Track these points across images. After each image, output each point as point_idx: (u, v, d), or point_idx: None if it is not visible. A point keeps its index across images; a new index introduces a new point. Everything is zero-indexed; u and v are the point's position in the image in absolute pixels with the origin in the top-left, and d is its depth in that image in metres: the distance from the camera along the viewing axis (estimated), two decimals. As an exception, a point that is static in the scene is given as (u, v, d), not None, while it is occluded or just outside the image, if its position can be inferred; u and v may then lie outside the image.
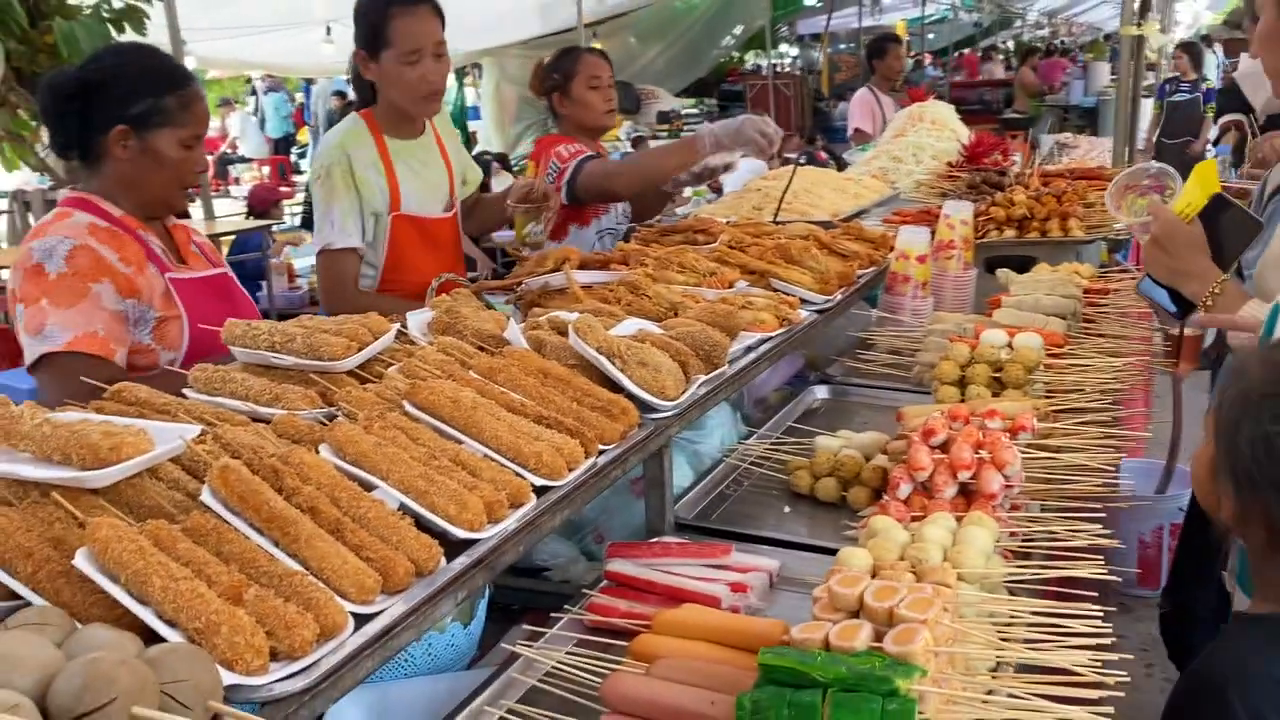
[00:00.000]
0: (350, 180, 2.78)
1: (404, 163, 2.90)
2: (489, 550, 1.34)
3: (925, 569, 1.35)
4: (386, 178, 2.84)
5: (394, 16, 2.74)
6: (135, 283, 2.14)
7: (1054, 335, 2.27)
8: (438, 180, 3.02)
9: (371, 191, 2.81)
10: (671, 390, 1.81)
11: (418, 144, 2.96)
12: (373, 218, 2.84)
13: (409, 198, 2.89)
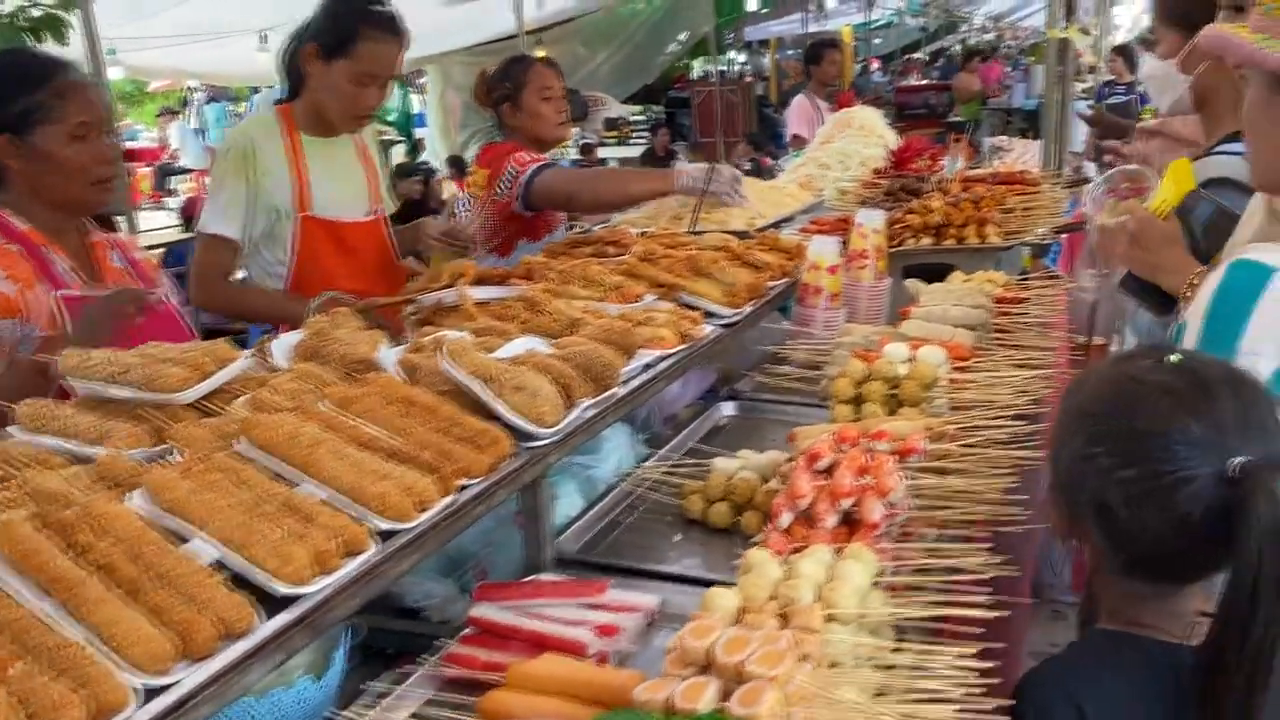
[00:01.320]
0: (246, 168, 2.68)
1: (318, 161, 2.80)
2: (314, 607, 1.22)
3: (793, 611, 1.25)
4: (294, 174, 2.74)
5: (365, 36, 2.67)
6: (15, 301, 2.08)
7: (960, 348, 2.19)
8: (356, 182, 2.92)
9: (270, 184, 2.71)
10: (550, 416, 1.70)
11: (336, 143, 2.86)
12: (271, 213, 2.73)
13: (321, 198, 2.79)
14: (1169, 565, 1.17)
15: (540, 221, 3.41)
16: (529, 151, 3.29)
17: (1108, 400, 1.20)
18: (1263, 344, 1.26)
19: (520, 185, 3.22)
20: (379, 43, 2.69)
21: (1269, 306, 1.27)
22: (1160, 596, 1.19)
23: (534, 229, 3.39)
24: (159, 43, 9.97)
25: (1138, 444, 1.13)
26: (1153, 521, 1.12)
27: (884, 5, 19.39)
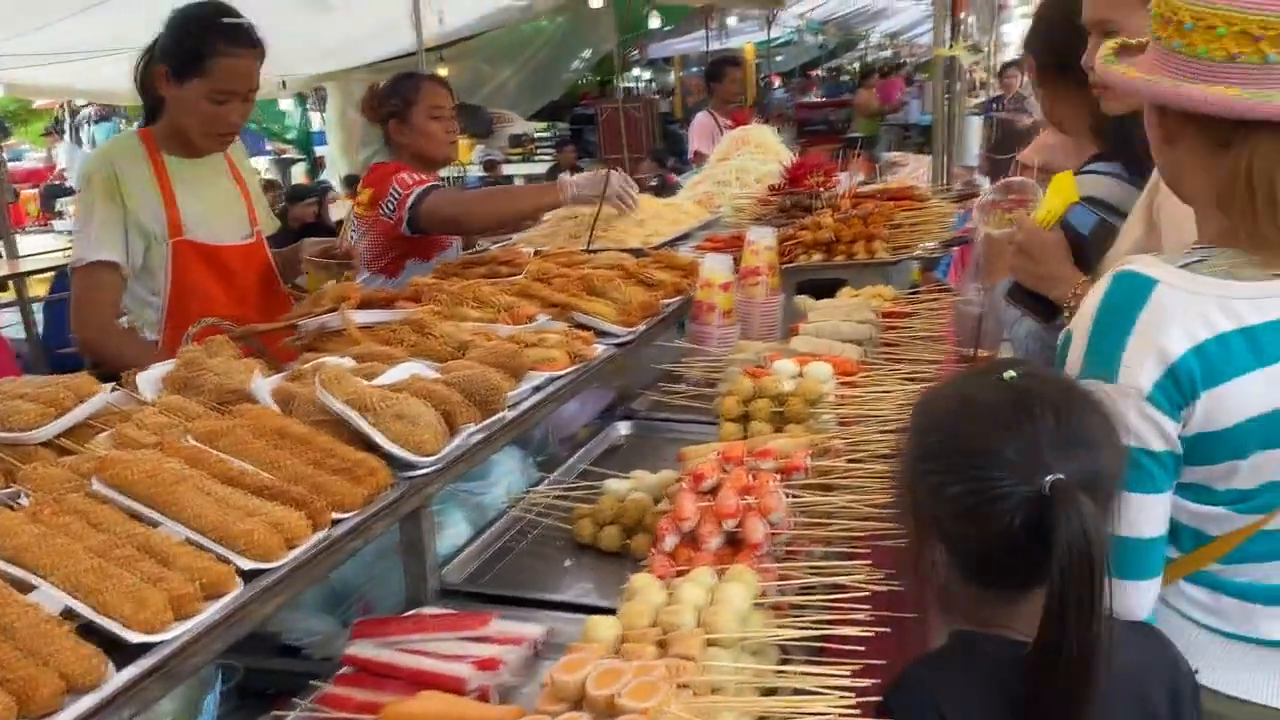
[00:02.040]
0: (114, 191, 2.57)
1: (185, 183, 2.69)
2: (171, 654, 1.16)
3: (673, 638, 1.23)
4: (162, 197, 2.63)
5: (218, 52, 2.56)
6: None
7: (846, 363, 2.21)
8: (229, 203, 2.81)
9: (140, 207, 2.59)
10: (430, 445, 1.66)
11: (203, 164, 2.75)
12: (143, 239, 2.61)
13: (193, 221, 2.68)
14: (1004, 574, 1.19)
15: (431, 241, 3.35)
16: (413, 172, 3.22)
17: (939, 417, 1.23)
18: (1144, 353, 1.29)
19: (406, 208, 3.16)
20: (234, 57, 2.58)
21: (1150, 317, 1.29)
22: (1003, 600, 1.22)
23: (424, 249, 3.33)
24: (44, 60, 9.61)
25: (961, 461, 1.16)
26: (979, 535, 1.15)
27: (784, 24, 19.74)
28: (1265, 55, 1.22)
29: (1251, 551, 1.36)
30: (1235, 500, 1.34)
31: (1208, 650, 1.40)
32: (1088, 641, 1.09)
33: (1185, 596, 1.41)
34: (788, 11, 19.00)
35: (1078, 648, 1.09)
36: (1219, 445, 1.30)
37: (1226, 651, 1.40)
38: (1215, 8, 1.24)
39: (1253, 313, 1.28)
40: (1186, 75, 1.28)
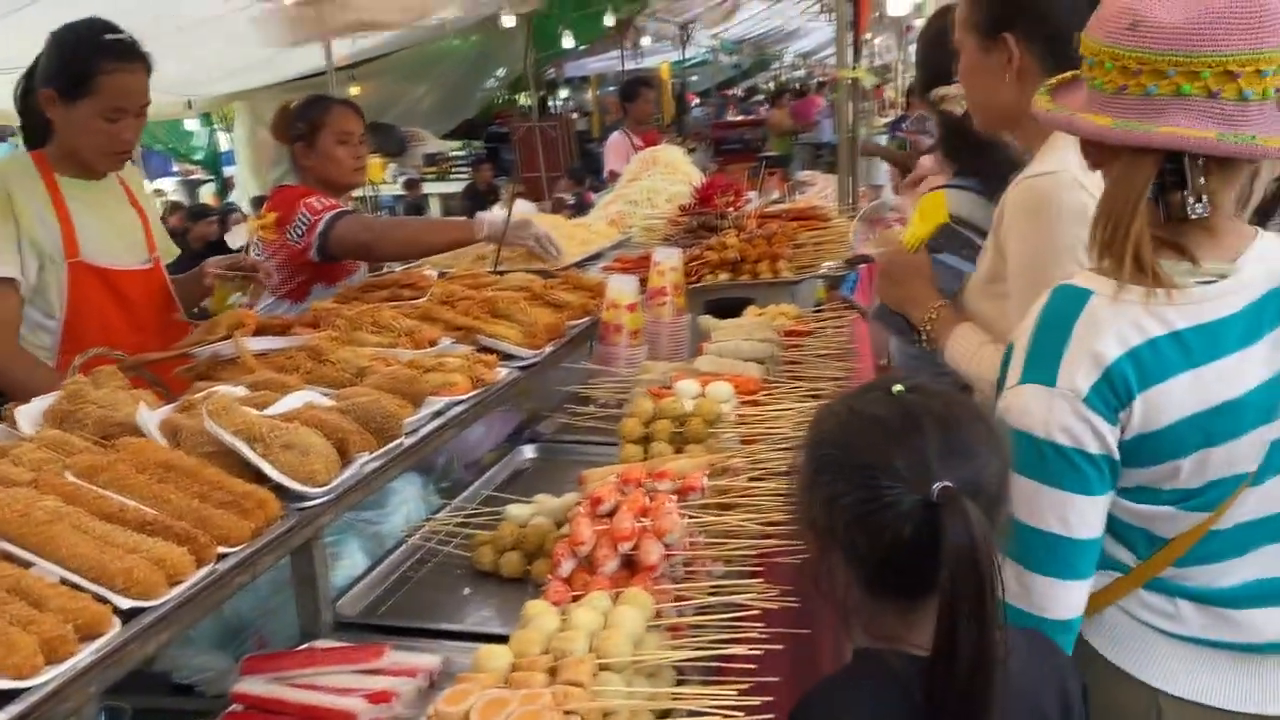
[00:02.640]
0: (6, 208, 2.48)
1: (82, 204, 2.61)
2: (43, 698, 1.12)
3: (563, 664, 1.23)
4: (57, 216, 2.55)
5: (105, 70, 2.49)
6: None
7: (749, 382, 2.24)
8: (127, 225, 2.74)
9: (34, 225, 2.51)
10: (322, 474, 1.64)
11: (99, 186, 2.68)
12: (37, 258, 2.53)
13: (89, 242, 2.60)
14: (898, 583, 1.22)
15: (338, 267, 3.30)
16: (321, 197, 3.16)
17: (832, 431, 1.26)
18: (1081, 358, 1.34)
19: (316, 234, 3.11)
20: (122, 73, 2.52)
21: (1086, 325, 1.34)
22: (901, 611, 1.24)
23: (330, 274, 3.28)
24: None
25: (853, 473, 1.19)
26: (873, 544, 1.17)
27: (699, 43, 19.99)
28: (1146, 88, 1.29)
29: (1204, 554, 1.41)
30: (1181, 499, 1.39)
31: (1170, 658, 1.44)
32: (982, 646, 1.11)
33: (1145, 605, 1.45)
34: (703, 32, 19.27)
35: (973, 652, 1.11)
36: (1159, 445, 1.35)
37: (1189, 657, 1.44)
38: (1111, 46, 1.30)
39: (1182, 317, 1.34)
40: None
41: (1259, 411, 1.35)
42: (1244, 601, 1.42)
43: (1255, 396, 1.35)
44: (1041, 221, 1.67)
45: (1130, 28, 1.28)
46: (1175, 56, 1.25)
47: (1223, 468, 1.36)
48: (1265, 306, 1.36)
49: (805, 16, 19.85)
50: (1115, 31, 1.30)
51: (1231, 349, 1.34)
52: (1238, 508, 1.38)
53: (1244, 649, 1.43)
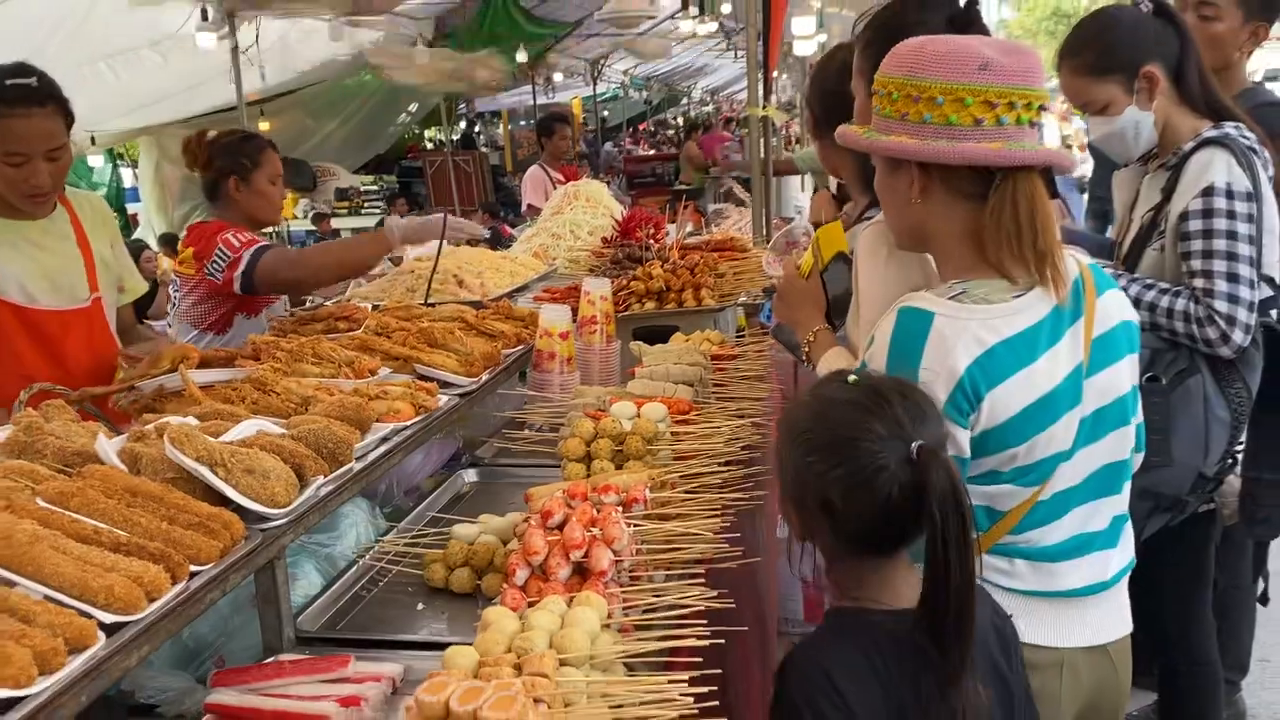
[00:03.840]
0: None
1: (8, 242, 2.64)
2: (38, 707, 1.19)
3: (527, 659, 1.34)
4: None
5: (1, 117, 2.50)
6: None
7: (680, 403, 2.38)
8: (60, 267, 2.74)
9: None
10: (282, 497, 1.72)
11: (35, 225, 2.70)
12: None
13: (8, 281, 2.63)
14: (884, 539, 1.41)
15: (259, 297, 3.36)
16: (238, 232, 3.21)
17: (812, 418, 1.44)
18: (935, 374, 1.55)
19: (239, 270, 3.15)
20: (19, 118, 2.52)
21: (935, 342, 1.55)
22: (876, 570, 1.44)
23: (252, 305, 3.34)
24: None
25: (840, 447, 1.38)
26: (864, 506, 1.36)
27: (609, 79, 20.29)
28: (999, 118, 1.54)
29: (1033, 520, 1.64)
30: (1016, 476, 1.62)
31: (1010, 608, 1.63)
32: (967, 569, 1.31)
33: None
34: (612, 68, 19.59)
35: (961, 575, 1.31)
36: (1002, 436, 1.58)
37: (1026, 608, 1.65)
38: (962, 84, 1.53)
39: (1007, 326, 1.57)
40: (945, 138, 1.54)
41: (1069, 396, 1.60)
42: (1063, 555, 1.67)
43: (1065, 385, 1.59)
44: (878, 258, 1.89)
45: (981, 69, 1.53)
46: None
47: (1047, 448, 1.60)
48: (1061, 310, 1.61)
49: (713, 54, 20.35)
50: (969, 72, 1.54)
51: (1044, 348, 1.59)
52: (1055, 479, 1.63)
53: (1065, 595, 1.68)
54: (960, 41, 1.60)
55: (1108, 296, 1.70)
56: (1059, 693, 1.69)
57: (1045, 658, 1.67)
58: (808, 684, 1.38)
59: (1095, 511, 1.71)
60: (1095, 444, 1.68)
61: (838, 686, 1.36)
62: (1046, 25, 36.82)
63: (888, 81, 1.61)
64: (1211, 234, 2.39)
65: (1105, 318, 1.67)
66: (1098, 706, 1.76)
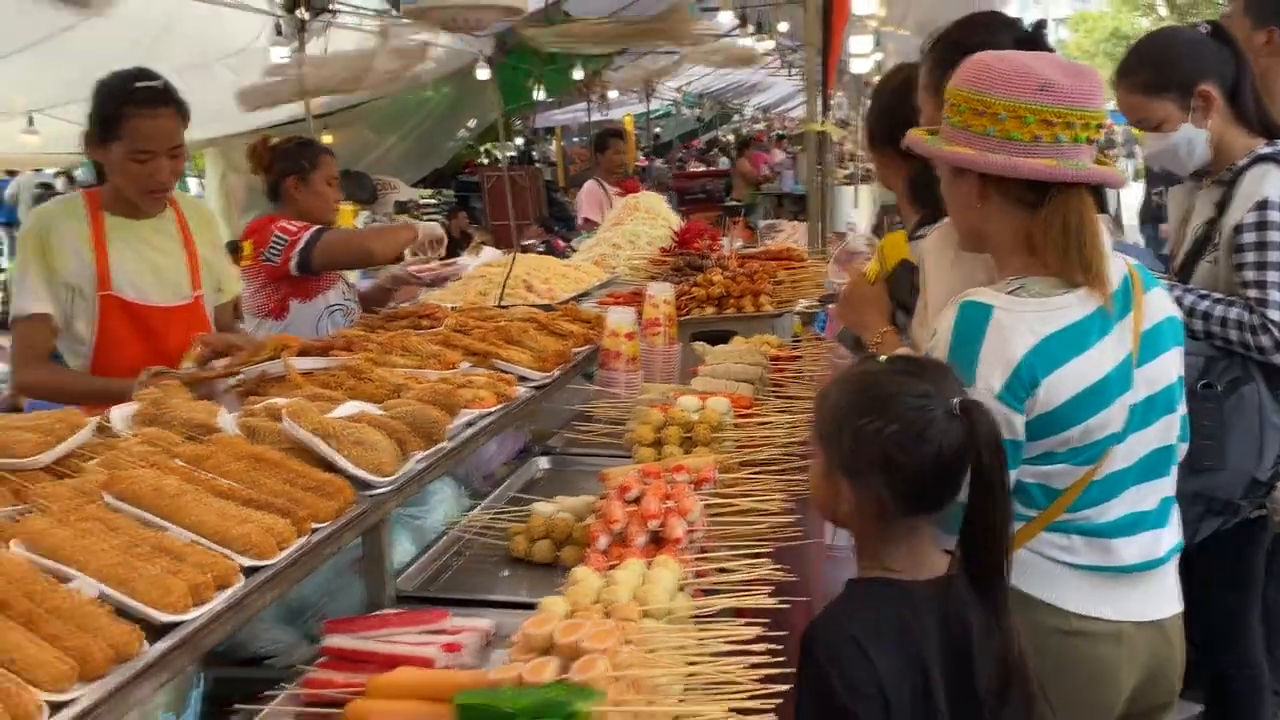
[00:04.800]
0: (44, 248, 2.74)
1: (123, 240, 2.85)
2: (193, 632, 1.37)
3: (614, 608, 1.49)
4: (94, 253, 2.79)
5: (129, 116, 2.71)
6: None
7: (742, 398, 2.53)
8: (167, 265, 2.95)
9: (66, 262, 2.75)
10: (388, 467, 1.90)
11: (147, 224, 2.91)
12: (69, 290, 2.77)
13: (121, 278, 2.83)
14: (931, 493, 1.56)
15: (312, 285, 3.61)
16: (294, 220, 3.52)
17: (858, 390, 1.60)
18: (992, 366, 1.69)
19: (297, 250, 3.43)
20: (147, 118, 2.72)
21: (994, 334, 1.69)
22: (907, 539, 1.59)
23: (305, 291, 3.59)
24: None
25: (893, 406, 1.53)
26: (920, 457, 1.51)
27: (662, 96, 20.52)
28: (1056, 136, 1.67)
29: (1089, 498, 1.77)
30: (1071, 457, 1.75)
31: (1070, 581, 1.78)
32: (1006, 507, 1.50)
33: (1047, 542, 1.79)
34: (665, 85, 19.82)
35: (1002, 511, 1.49)
36: (1057, 419, 1.71)
37: (1083, 581, 1.79)
38: (1023, 103, 1.66)
39: (1061, 319, 1.71)
40: (1005, 152, 1.68)
41: (1120, 383, 1.74)
42: (1118, 532, 1.80)
43: (1115, 373, 1.73)
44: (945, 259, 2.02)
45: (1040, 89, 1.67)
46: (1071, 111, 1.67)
47: (1101, 430, 1.73)
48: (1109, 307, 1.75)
49: (765, 71, 20.51)
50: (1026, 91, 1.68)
51: (1094, 340, 1.72)
52: (1109, 460, 1.76)
53: (1120, 570, 1.80)
54: (1025, 61, 1.72)
55: (1154, 293, 1.84)
56: (1118, 664, 1.81)
57: (1102, 629, 1.80)
58: (835, 649, 1.51)
59: (1147, 492, 1.84)
60: (1146, 429, 1.80)
61: (865, 651, 1.49)
62: (1105, 47, 36.58)
63: (955, 94, 1.75)
64: (1265, 246, 2.49)
65: (1153, 312, 1.82)
66: (1156, 680, 1.88)
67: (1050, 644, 1.77)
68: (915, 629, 1.54)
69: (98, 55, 7.01)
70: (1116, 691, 1.83)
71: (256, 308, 3.60)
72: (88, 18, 7.39)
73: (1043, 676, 1.70)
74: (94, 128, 2.78)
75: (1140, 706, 1.89)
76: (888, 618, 1.55)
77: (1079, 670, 1.80)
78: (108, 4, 6.28)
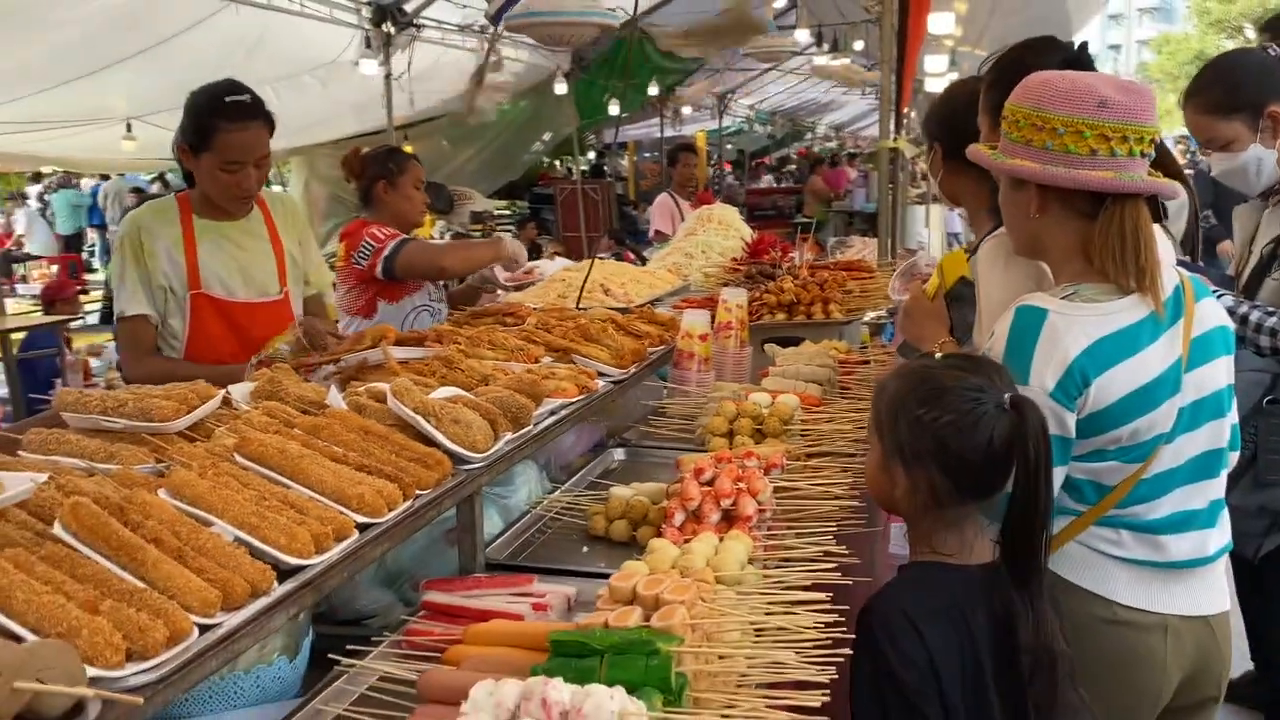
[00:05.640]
0: (139, 252, 2.94)
1: (212, 241, 3.02)
2: (316, 574, 1.54)
3: (690, 572, 1.63)
4: (185, 255, 2.97)
5: (220, 129, 2.87)
6: None
7: (810, 397, 2.66)
8: (254, 263, 3.11)
9: (159, 265, 2.95)
10: (482, 444, 2.06)
11: (235, 225, 3.08)
12: (163, 291, 2.97)
13: (210, 276, 3.01)
14: (982, 481, 1.67)
15: (400, 287, 3.81)
16: (383, 227, 3.71)
17: (916, 382, 1.72)
18: (1046, 365, 1.80)
19: (382, 256, 3.62)
20: (236, 131, 2.86)
21: (1048, 335, 1.80)
22: (957, 524, 1.69)
23: (392, 293, 3.79)
24: (16, 128, 9.91)
25: (948, 398, 1.65)
26: (972, 446, 1.63)
27: (734, 113, 20.65)
28: (1112, 150, 1.77)
29: (1138, 495, 1.87)
30: (1121, 455, 1.84)
31: (1118, 574, 1.88)
32: (1050, 493, 1.60)
33: (1097, 536, 1.89)
34: (738, 102, 19.95)
35: (1047, 496, 1.60)
36: (1107, 418, 1.81)
37: (1131, 574, 1.88)
38: (1081, 118, 1.77)
39: (1113, 323, 1.81)
40: (1064, 164, 1.78)
41: (1169, 386, 1.82)
42: (1167, 529, 1.88)
43: (1165, 376, 1.81)
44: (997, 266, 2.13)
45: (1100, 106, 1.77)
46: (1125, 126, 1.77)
47: (1150, 430, 1.82)
48: (1161, 313, 1.83)
49: (839, 89, 20.53)
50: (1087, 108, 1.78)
51: (1145, 343, 1.81)
52: (1158, 459, 1.85)
53: (1168, 566, 1.88)
54: (1082, 80, 1.83)
55: (1205, 304, 1.93)
56: (1164, 655, 1.90)
57: (1149, 620, 1.88)
58: (890, 625, 1.62)
59: (1196, 492, 1.92)
60: (1195, 431, 1.89)
61: (918, 627, 1.61)
62: (1188, 70, 35.85)
63: (1016, 110, 1.86)
64: None
65: (1203, 321, 1.90)
66: (1203, 673, 1.96)
67: (1098, 633, 1.87)
68: (965, 609, 1.65)
69: (193, 65, 7.40)
70: (1163, 680, 1.91)
71: (347, 306, 3.82)
72: (185, 31, 7.79)
73: (1089, 663, 1.81)
74: (186, 139, 2.94)
75: (1187, 700, 1.97)
76: (939, 597, 1.66)
77: (1125, 658, 1.89)
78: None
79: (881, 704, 1.62)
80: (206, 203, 3.04)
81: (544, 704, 1.17)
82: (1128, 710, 1.93)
